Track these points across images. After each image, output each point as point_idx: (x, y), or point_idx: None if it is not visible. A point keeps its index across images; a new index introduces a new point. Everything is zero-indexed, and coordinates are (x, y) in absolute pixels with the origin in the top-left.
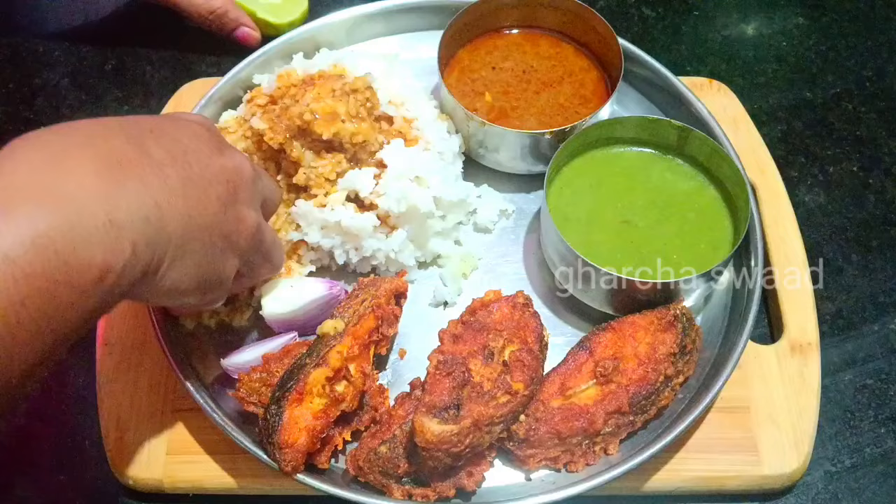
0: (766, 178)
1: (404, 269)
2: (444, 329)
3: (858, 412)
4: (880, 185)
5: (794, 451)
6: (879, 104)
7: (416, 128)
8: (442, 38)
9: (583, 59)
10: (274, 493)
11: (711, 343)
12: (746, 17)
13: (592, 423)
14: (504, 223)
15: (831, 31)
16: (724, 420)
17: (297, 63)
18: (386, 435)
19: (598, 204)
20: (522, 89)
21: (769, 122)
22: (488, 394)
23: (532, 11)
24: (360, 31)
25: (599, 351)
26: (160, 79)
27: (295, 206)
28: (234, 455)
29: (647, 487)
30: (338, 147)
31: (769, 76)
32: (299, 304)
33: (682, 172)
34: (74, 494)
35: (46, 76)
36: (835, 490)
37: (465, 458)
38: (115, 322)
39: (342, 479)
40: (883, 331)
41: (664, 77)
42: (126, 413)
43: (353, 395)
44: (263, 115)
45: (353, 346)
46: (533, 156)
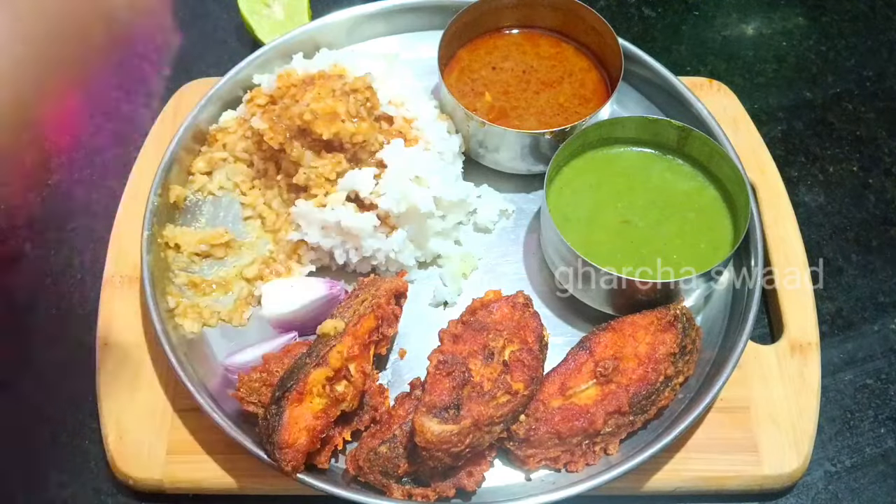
0: (766, 178)
1: (404, 269)
2: (444, 329)
3: (858, 412)
4: (880, 185)
5: (794, 451)
6: (879, 104)
7: (416, 128)
8: (442, 37)
9: (583, 59)
10: (274, 493)
11: (711, 343)
12: (746, 17)
13: (592, 423)
14: (504, 223)
15: (831, 31)
16: (724, 420)
17: (297, 63)
18: (386, 435)
19: (598, 204)
20: (522, 89)
21: (769, 122)
22: (488, 394)
23: (532, 11)
24: (360, 31)
25: (599, 351)
26: (160, 79)
27: (295, 206)
28: (234, 455)
29: (647, 487)
30: (338, 147)
31: (769, 76)
32: (299, 304)
33: (682, 172)
34: (74, 494)
35: None
36: (835, 490)
37: (465, 458)
38: (115, 322)
39: (342, 479)
40: (883, 331)
41: (664, 77)
42: (126, 413)
43: (353, 395)
44: (263, 115)
45: (353, 346)
46: (533, 156)
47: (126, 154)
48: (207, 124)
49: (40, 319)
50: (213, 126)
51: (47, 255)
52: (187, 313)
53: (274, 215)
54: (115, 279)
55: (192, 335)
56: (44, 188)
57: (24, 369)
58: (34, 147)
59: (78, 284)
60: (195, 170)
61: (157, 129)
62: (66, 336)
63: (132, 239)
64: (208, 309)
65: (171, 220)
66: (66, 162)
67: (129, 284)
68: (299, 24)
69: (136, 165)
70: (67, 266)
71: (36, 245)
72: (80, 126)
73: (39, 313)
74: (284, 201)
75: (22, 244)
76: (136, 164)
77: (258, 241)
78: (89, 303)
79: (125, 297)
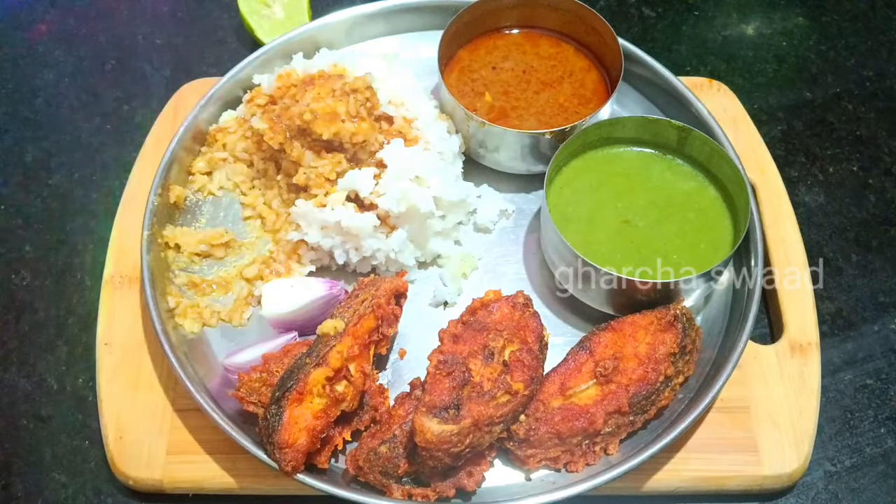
0: (766, 178)
1: (404, 269)
2: (444, 329)
3: (858, 412)
4: (880, 185)
5: (794, 451)
6: (879, 104)
7: (416, 128)
8: (442, 37)
9: (583, 60)
10: (274, 493)
11: (711, 343)
12: (746, 17)
13: (592, 423)
14: (504, 223)
15: (831, 31)
16: (724, 420)
17: (297, 63)
18: (386, 435)
19: (598, 204)
20: (522, 89)
21: (769, 122)
22: (488, 394)
23: (532, 11)
24: (360, 31)
25: (599, 351)
26: (160, 79)
27: (295, 206)
28: (234, 455)
29: (647, 487)
30: (338, 147)
31: (769, 76)
32: (299, 304)
33: (682, 172)
34: (74, 494)
35: (46, 76)
36: (835, 490)
37: (465, 458)
38: (115, 322)
39: (342, 479)
40: (883, 331)
41: (664, 77)
42: (126, 413)
43: (353, 395)
44: (263, 115)
45: (353, 346)
46: (533, 156)
47: (126, 154)
48: (207, 124)
49: (40, 319)
50: (213, 126)
51: (47, 255)
52: (187, 313)
53: (274, 215)
54: (115, 279)
55: (192, 335)
56: (44, 188)
57: (23, 369)
58: (34, 147)
59: (78, 284)
60: (195, 170)
61: (157, 129)
62: (66, 336)
63: (132, 239)
64: (208, 309)
65: (171, 220)
66: (66, 162)
67: (129, 284)
68: (299, 24)
69: (136, 165)
70: (67, 266)
71: (36, 245)
72: (80, 126)
73: (39, 313)
74: (284, 201)
75: (22, 244)
76: (136, 164)
77: (258, 241)
78: (89, 303)
79: (125, 297)
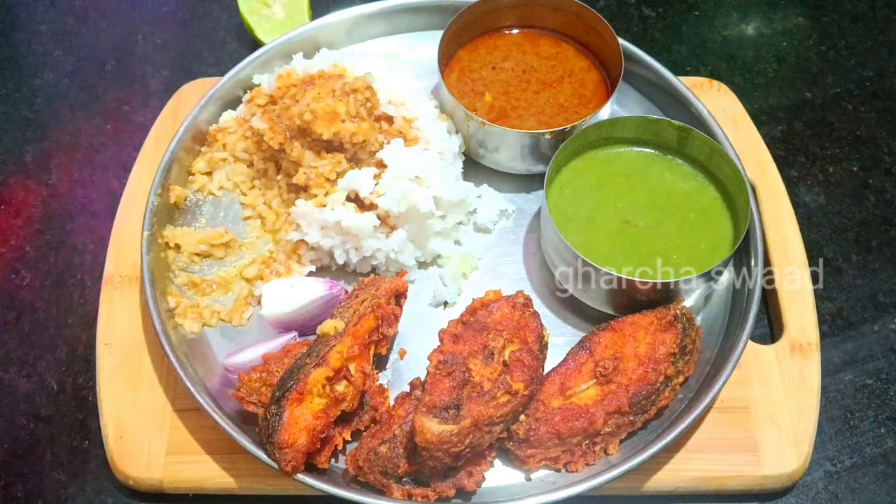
0: (766, 178)
1: (404, 269)
2: (444, 329)
3: (858, 412)
4: (880, 185)
5: (794, 451)
6: (879, 104)
7: (416, 128)
8: (442, 37)
9: (583, 59)
10: (274, 493)
11: (711, 343)
12: (746, 17)
13: (592, 423)
14: (504, 223)
15: (831, 31)
16: (724, 420)
17: (297, 63)
18: (386, 435)
19: (598, 204)
20: (522, 89)
21: (769, 122)
22: (488, 394)
23: (532, 11)
24: (360, 31)
25: (599, 351)
26: (160, 79)
27: (295, 206)
28: (234, 455)
29: (647, 487)
30: (338, 147)
31: (769, 76)
32: (299, 304)
33: (682, 172)
34: (74, 494)
35: (46, 76)
36: (835, 490)
37: (465, 458)
38: (115, 322)
39: (342, 479)
40: (883, 331)
41: (664, 77)
42: (126, 413)
43: (353, 395)
44: (263, 115)
45: (353, 346)
46: (533, 156)
47: (126, 154)
48: (207, 124)
49: (40, 319)
50: (213, 126)
51: (47, 255)
52: (187, 313)
53: (274, 215)
54: (115, 279)
55: (192, 335)
56: (44, 188)
57: (23, 369)
58: (34, 147)
59: (78, 284)
60: (195, 170)
61: (157, 129)
62: (66, 336)
63: (132, 239)
64: (208, 309)
65: (171, 220)
66: (66, 162)
67: (129, 284)
68: (299, 24)
69: (136, 165)
70: (67, 266)
71: (36, 245)
72: (80, 126)
73: (39, 313)
74: (284, 201)
75: (22, 244)
76: (136, 164)
77: (258, 241)
78: (89, 303)
79: (125, 297)
